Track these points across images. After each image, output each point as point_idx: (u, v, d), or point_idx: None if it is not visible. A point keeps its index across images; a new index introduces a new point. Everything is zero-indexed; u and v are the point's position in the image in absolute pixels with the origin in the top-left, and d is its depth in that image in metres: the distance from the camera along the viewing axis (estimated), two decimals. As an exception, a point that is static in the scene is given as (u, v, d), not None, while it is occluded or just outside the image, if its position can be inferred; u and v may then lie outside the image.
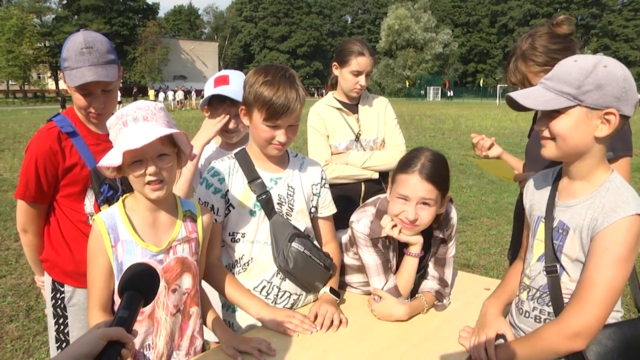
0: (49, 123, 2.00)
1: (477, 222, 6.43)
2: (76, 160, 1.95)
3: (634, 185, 1.53)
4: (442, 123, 21.86)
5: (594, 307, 1.33)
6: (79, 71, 1.84)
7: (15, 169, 9.88)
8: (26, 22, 46.29)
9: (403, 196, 1.79)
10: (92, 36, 1.89)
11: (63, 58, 1.89)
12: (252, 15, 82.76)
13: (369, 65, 2.63)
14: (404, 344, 1.71)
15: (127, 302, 1.06)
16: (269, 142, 1.79)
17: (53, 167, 1.93)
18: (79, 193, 1.99)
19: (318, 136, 2.70)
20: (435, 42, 66.02)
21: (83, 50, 1.84)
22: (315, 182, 2.00)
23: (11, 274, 4.68)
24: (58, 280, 2.06)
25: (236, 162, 1.90)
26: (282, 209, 1.89)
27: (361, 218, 1.93)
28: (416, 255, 1.89)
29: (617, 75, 1.31)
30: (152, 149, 1.46)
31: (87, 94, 1.90)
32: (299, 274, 1.87)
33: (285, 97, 1.70)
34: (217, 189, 1.84)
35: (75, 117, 2.02)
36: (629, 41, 69.45)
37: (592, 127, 1.35)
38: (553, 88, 1.36)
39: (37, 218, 2.04)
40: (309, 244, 1.89)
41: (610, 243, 1.33)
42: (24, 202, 2.00)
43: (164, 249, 1.59)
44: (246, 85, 1.78)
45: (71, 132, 1.96)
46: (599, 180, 1.42)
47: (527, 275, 1.59)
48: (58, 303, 2.07)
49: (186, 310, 1.66)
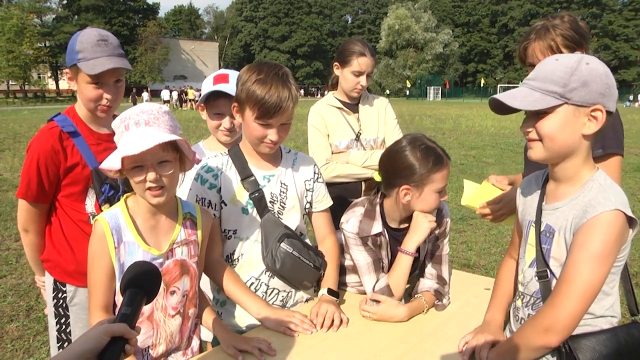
0: (50, 123, 1.99)
1: (477, 222, 6.43)
2: (77, 160, 1.96)
3: (633, 185, 1.52)
4: (442, 123, 21.86)
5: (568, 303, 1.30)
6: (98, 60, 1.87)
7: (15, 169, 9.88)
8: (26, 22, 46.20)
9: (440, 188, 1.83)
10: (104, 31, 1.95)
11: (76, 51, 1.89)
12: (253, 15, 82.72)
13: (369, 66, 2.63)
14: (404, 344, 1.71)
15: (129, 299, 1.07)
16: (260, 140, 1.79)
17: (55, 166, 1.94)
18: (80, 193, 1.99)
19: (319, 135, 2.70)
20: (435, 42, 65.98)
21: (99, 42, 1.88)
22: (308, 177, 2.00)
23: (11, 274, 4.68)
24: (60, 280, 2.06)
25: (229, 159, 1.90)
26: (274, 207, 1.89)
27: (350, 218, 1.94)
28: (411, 253, 1.87)
29: (600, 71, 1.31)
30: (152, 156, 1.45)
31: (101, 85, 1.92)
32: (287, 274, 1.88)
33: (278, 96, 1.69)
34: (212, 185, 1.85)
35: (76, 117, 2.02)
36: (629, 41, 69.35)
37: (579, 125, 1.32)
38: (539, 88, 1.33)
39: (39, 217, 2.04)
40: (298, 244, 1.88)
41: (587, 238, 1.30)
42: (26, 202, 2.00)
43: (164, 252, 1.58)
44: (239, 82, 1.77)
45: (73, 131, 1.97)
46: (583, 180, 1.39)
47: (521, 282, 1.56)
48: (60, 303, 2.07)
49: (185, 312, 1.66)
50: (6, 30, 42.97)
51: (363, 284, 1.97)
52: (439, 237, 1.99)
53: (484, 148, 13.50)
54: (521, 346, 1.40)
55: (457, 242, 5.70)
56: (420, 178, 1.78)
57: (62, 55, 55.20)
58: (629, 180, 8.93)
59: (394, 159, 1.85)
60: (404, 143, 1.84)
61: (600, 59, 1.37)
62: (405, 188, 1.81)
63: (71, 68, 1.94)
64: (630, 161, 11.22)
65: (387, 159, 1.90)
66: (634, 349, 1.39)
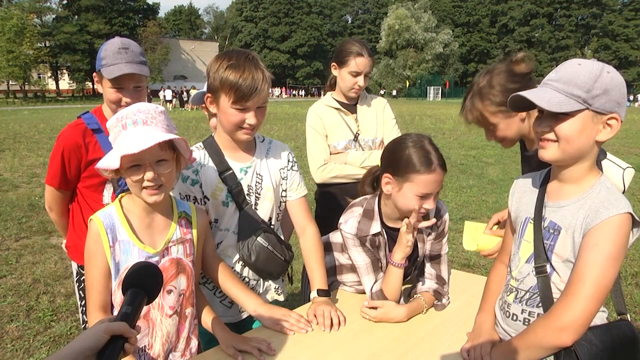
0: (77, 119, 2.19)
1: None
2: (99, 155, 2.05)
3: (633, 186, 1.53)
4: (442, 123, 21.86)
5: (582, 302, 1.33)
6: (117, 66, 2.03)
7: (15, 169, 9.88)
8: (26, 22, 46.16)
9: (424, 194, 1.76)
10: (127, 40, 2.12)
11: (101, 57, 2.08)
12: (253, 15, 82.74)
13: (367, 66, 2.63)
14: (404, 343, 1.71)
15: (130, 298, 1.08)
16: (238, 126, 1.80)
17: (77, 159, 2.14)
18: (99, 185, 2.17)
19: (317, 136, 2.70)
20: (435, 42, 65.98)
21: (120, 50, 2.05)
22: (282, 166, 2.03)
23: (11, 274, 4.68)
24: (81, 264, 2.24)
25: (205, 153, 1.92)
26: (250, 198, 1.94)
27: (349, 219, 1.94)
28: (400, 265, 1.87)
29: (619, 81, 1.35)
30: (151, 155, 1.45)
31: (120, 89, 2.08)
32: (260, 266, 1.95)
33: (252, 78, 1.71)
34: (194, 181, 1.88)
35: (102, 116, 2.19)
36: (629, 41, 69.36)
37: (595, 132, 1.36)
38: (563, 90, 1.34)
39: (62, 200, 2.27)
40: (273, 238, 1.95)
41: (601, 239, 1.33)
42: (51, 187, 2.21)
43: (159, 250, 1.59)
44: (210, 72, 1.78)
45: (96, 129, 2.15)
46: (589, 183, 1.42)
47: (515, 278, 1.57)
48: (82, 286, 2.26)
49: (182, 311, 1.67)
50: (6, 30, 42.98)
51: (362, 284, 1.98)
52: (438, 237, 1.99)
53: (484, 148, 13.49)
54: (530, 345, 1.41)
55: (457, 242, 5.70)
56: (402, 173, 1.77)
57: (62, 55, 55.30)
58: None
59: (393, 146, 1.86)
60: (410, 137, 1.84)
61: (600, 59, 1.39)
62: (387, 176, 1.81)
63: (98, 72, 2.13)
64: (630, 161, 11.19)
65: (389, 145, 1.92)
66: (625, 345, 1.43)
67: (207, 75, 1.81)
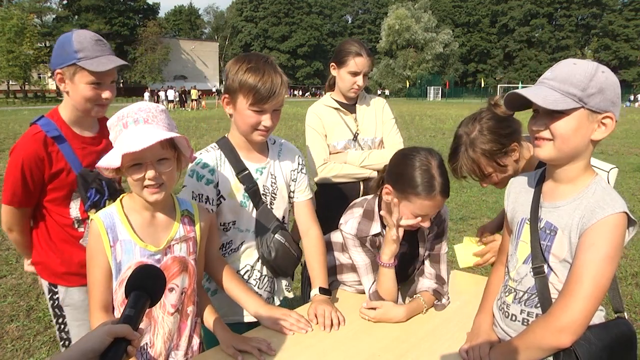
0: (33, 127, 1.93)
1: (477, 222, 6.43)
2: (62, 165, 1.94)
3: (634, 186, 1.54)
4: (442, 123, 21.85)
5: (580, 302, 1.33)
6: (104, 58, 1.90)
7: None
8: (27, 22, 46.22)
9: (419, 215, 1.74)
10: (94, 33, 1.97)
11: (75, 50, 1.85)
12: (253, 15, 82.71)
13: (366, 66, 2.63)
14: (403, 343, 1.71)
15: (133, 301, 1.08)
16: (254, 127, 1.83)
17: (39, 172, 1.91)
18: (64, 198, 1.98)
19: (316, 136, 2.71)
20: (435, 42, 65.98)
21: (97, 42, 1.91)
22: (293, 168, 2.08)
23: (11, 274, 4.68)
24: (50, 281, 2.08)
25: (222, 153, 1.93)
26: (266, 198, 1.98)
27: (349, 219, 1.94)
28: (388, 265, 1.86)
29: (613, 81, 1.36)
30: (152, 153, 1.46)
31: (100, 84, 1.92)
32: (279, 262, 1.99)
33: (271, 81, 1.75)
34: (209, 180, 1.88)
35: (60, 120, 1.97)
36: (629, 41, 69.28)
37: (590, 130, 1.36)
38: (559, 88, 1.35)
39: (22, 219, 2.03)
40: (288, 235, 2.01)
41: (597, 239, 1.34)
42: (11, 207, 1.98)
43: (162, 248, 1.59)
44: (228, 74, 1.81)
45: (57, 136, 1.93)
46: (584, 183, 1.43)
47: (513, 279, 1.57)
48: (55, 304, 2.10)
49: (184, 309, 1.67)
50: (6, 30, 42.99)
51: (362, 284, 1.99)
52: (438, 237, 1.99)
53: (484, 148, 13.48)
54: (529, 346, 1.42)
55: (457, 242, 5.70)
56: (402, 189, 1.73)
57: (62, 55, 55.21)
58: (629, 180, 8.92)
59: (399, 159, 1.82)
60: (419, 152, 1.77)
61: (601, 59, 1.39)
62: (388, 188, 1.80)
63: (66, 68, 1.87)
64: (630, 161, 11.22)
65: (396, 155, 1.87)
66: (622, 343, 1.44)
67: (225, 76, 1.84)
